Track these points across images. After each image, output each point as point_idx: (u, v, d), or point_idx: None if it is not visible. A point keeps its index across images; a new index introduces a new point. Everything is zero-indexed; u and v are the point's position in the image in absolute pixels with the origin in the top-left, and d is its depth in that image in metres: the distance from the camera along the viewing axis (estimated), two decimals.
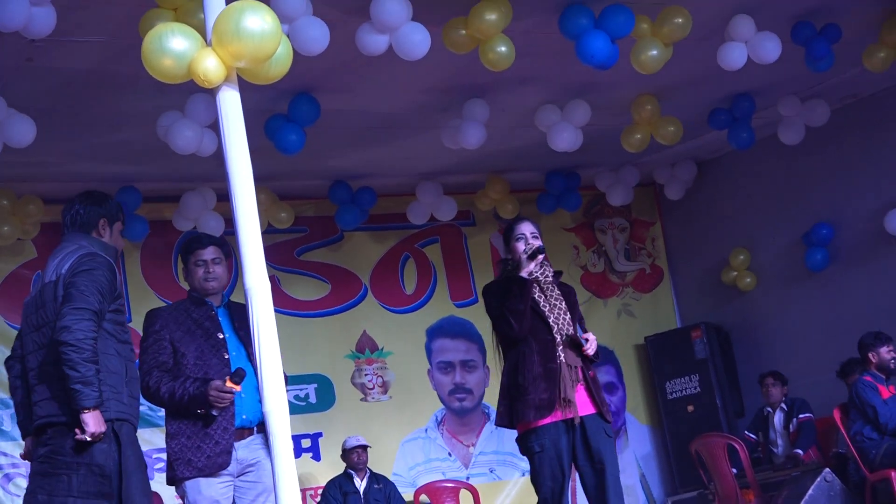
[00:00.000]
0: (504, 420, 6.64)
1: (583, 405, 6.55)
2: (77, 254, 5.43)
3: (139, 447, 5.62)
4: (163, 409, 6.43)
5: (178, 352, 6.25)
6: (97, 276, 5.35)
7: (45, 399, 5.37)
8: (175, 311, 6.43)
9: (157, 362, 6.24)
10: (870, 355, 9.62)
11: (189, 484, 6.16)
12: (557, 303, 6.71)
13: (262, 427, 6.25)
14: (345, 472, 10.18)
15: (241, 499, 6.23)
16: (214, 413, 6.07)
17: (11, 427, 9.58)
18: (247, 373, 6.01)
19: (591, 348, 6.59)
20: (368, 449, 10.25)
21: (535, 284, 6.72)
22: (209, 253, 6.43)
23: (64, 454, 5.25)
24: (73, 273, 5.32)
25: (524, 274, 6.67)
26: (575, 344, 6.59)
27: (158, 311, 6.58)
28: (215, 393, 6.02)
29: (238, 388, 6.03)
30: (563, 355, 6.56)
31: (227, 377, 6.03)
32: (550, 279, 6.77)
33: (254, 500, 6.22)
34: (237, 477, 6.22)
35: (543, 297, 6.70)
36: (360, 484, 10.11)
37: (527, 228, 6.79)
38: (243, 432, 6.21)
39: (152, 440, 10.19)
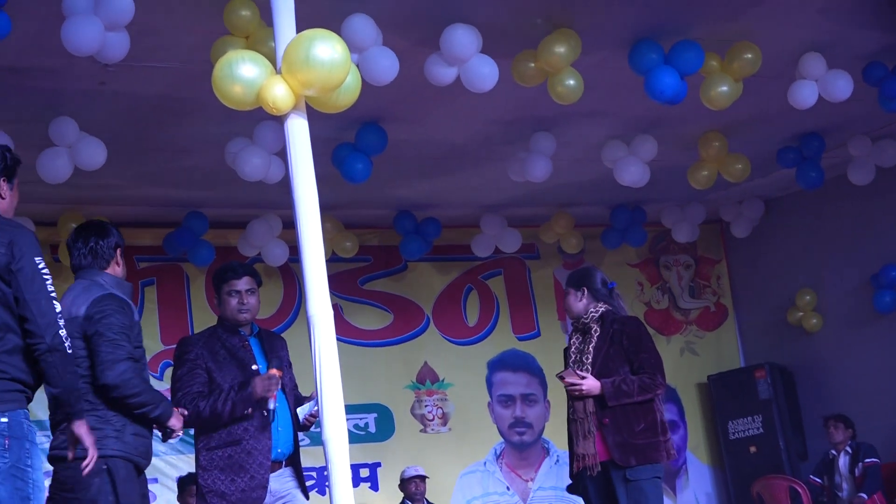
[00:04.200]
0: None
1: (599, 453, 6.64)
2: (93, 294, 5.33)
3: (142, 484, 5.52)
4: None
5: (214, 381, 6.22)
6: (118, 320, 5.29)
7: (56, 431, 5.32)
8: (209, 339, 6.38)
9: (192, 392, 6.20)
10: None
11: None
12: (582, 352, 6.75)
13: (291, 460, 6.31)
14: (402, 502, 10.15)
15: None
16: (271, 406, 6.07)
17: None
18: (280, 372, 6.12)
19: (573, 391, 6.65)
20: (427, 480, 10.22)
21: (576, 331, 6.92)
22: (244, 284, 6.39)
23: (65, 489, 5.21)
24: (92, 321, 5.25)
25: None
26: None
27: (191, 339, 6.58)
28: (265, 382, 6.05)
29: (279, 372, 6.08)
30: (573, 409, 6.71)
31: (267, 370, 6.15)
32: (591, 323, 6.81)
33: None
34: None
35: (579, 343, 6.78)
36: None
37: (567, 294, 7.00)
38: (274, 465, 6.22)
39: None
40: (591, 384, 6.62)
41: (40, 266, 4.62)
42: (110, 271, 5.54)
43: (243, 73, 4.96)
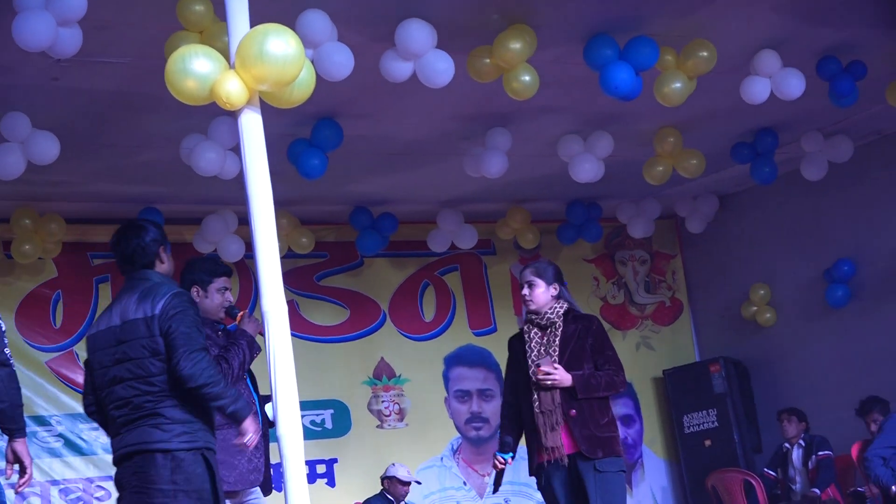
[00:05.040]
0: None
1: (566, 446, 6.64)
2: (166, 293, 5.35)
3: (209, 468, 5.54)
4: None
5: None
6: (192, 314, 5.37)
7: (132, 429, 5.39)
8: None
9: None
10: None
11: None
12: (547, 345, 6.75)
13: None
14: (383, 496, 10.05)
15: None
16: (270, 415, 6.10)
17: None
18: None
19: (546, 380, 6.63)
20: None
21: (532, 326, 6.85)
22: (229, 281, 6.61)
23: (160, 482, 5.25)
24: (168, 317, 5.28)
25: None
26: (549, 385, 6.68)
27: None
28: (254, 323, 6.36)
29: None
30: (537, 402, 6.66)
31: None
32: (555, 319, 6.79)
33: None
34: None
35: (539, 338, 6.76)
36: None
37: (524, 277, 6.93)
38: None
39: None
40: (563, 375, 6.61)
41: None
42: (158, 269, 5.59)
43: (196, 68, 4.95)
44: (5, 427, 5.12)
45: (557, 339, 6.75)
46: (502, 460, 6.81)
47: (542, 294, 6.82)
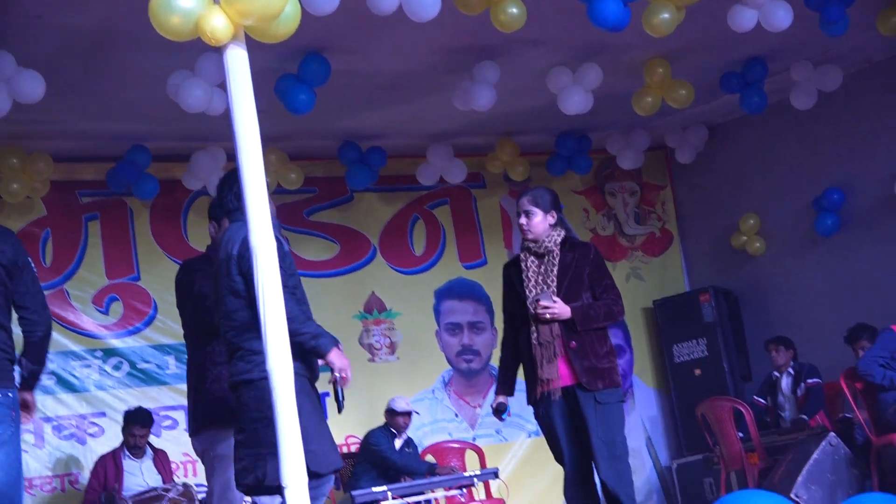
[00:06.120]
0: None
1: (563, 377, 6.63)
2: (244, 233, 5.36)
3: (315, 396, 5.88)
4: (170, 368, 6.53)
5: None
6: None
7: (230, 362, 5.73)
8: (205, 264, 6.50)
9: None
10: None
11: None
12: (545, 275, 6.72)
13: None
14: (387, 427, 10.15)
15: None
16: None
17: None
18: None
19: (546, 314, 6.61)
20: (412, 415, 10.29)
21: (528, 254, 6.79)
22: None
23: (249, 409, 5.51)
24: (245, 258, 5.40)
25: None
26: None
27: (192, 262, 6.89)
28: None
29: None
30: (535, 334, 6.64)
31: None
32: (552, 247, 6.75)
33: None
34: None
35: (536, 267, 6.73)
36: (398, 444, 10.14)
37: (521, 205, 6.84)
38: None
39: (159, 398, 10.26)
40: (562, 308, 6.59)
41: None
42: None
43: (181, 4, 4.92)
44: (29, 383, 5.48)
45: (555, 268, 6.70)
46: (501, 419, 6.93)
47: (539, 223, 6.76)
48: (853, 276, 11.14)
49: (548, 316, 6.60)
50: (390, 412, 10.17)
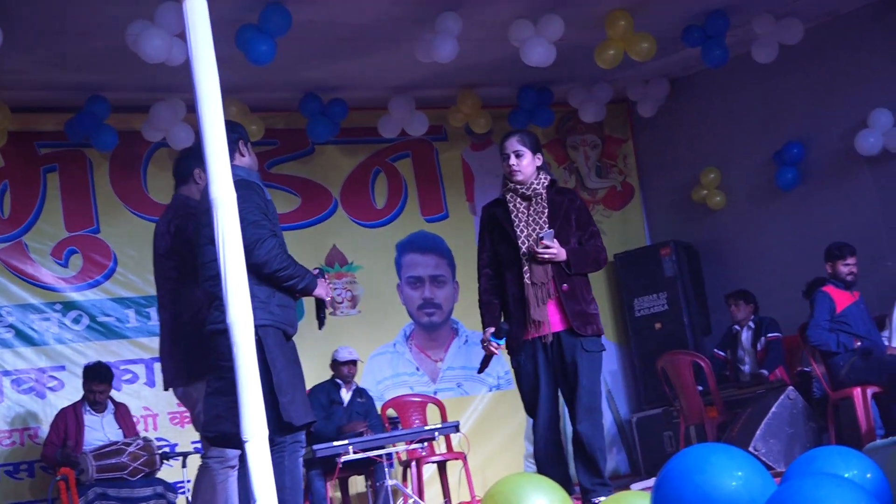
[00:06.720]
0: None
1: (554, 322, 6.58)
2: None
3: (290, 348, 6.07)
4: (130, 321, 6.44)
5: None
6: (256, 201, 5.84)
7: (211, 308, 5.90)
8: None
9: None
10: (827, 265, 9.64)
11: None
12: (536, 216, 6.64)
13: None
14: (332, 380, 10.14)
15: None
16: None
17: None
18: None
19: (546, 254, 6.52)
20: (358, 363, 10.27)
21: (515, 195, 6.70)
22: None
23: (226, 358, 5.40)
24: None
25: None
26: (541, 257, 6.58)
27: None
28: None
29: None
30: (528, 273, 6.56)
31: None
32: (541, 190, 6.70)
33: None
34: None
35: (525, 209, 6.65)
36: (346, 395, 10.13)
37: (510, 146, 6.72)
38: None
39: (120, 352, 10.21)
40: (559, 249, 6.54)
41: None
42: (237, 162, 5.99)
43: None
44: None
45: (546, 211, 6.65)
46: (496, 345, 6.65)
47: (528, 164, 6.70)
48: (813, 230, 11.18)
49: (546, 256, 6.53)
50: (334, 363, 10.16)
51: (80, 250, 10.36)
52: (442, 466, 10.29)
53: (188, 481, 8.69)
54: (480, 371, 6.91)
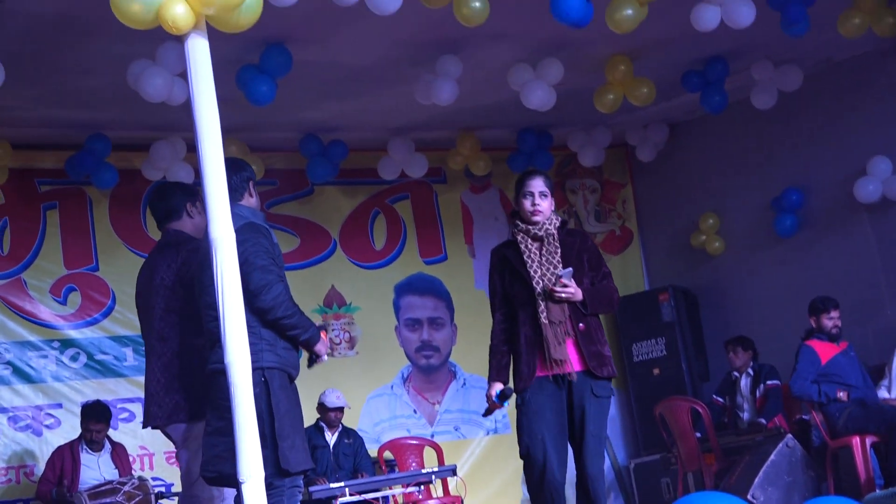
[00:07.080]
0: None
1: (573, 362, 6.46)
2: (236, 224, 5.32)
3: (293, 391, 5.99)
4: (128, 360, 6.39)
5: None
6: (264, 245, 5.82)
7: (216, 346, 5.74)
8: None
9: None
10: (811, 319, 9.68)
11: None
12: (549, 256, 6.58)
13: None
14: (316, 423, 10.10)
15: None
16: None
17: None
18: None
19: (563, 293, 6.41)
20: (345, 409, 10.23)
21: (526, 236, 6.67)
22: None
23: (227, 398, 5.28)
24: (238, 249, 5.26)
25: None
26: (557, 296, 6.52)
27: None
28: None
29: None
30: (545, 312, 6.50)
31: None
32: (553, 231, 6.66)
33: None
34: None
35: (537, 249, 6.60)
36: (331, 438, 10.09)
37: (536, 186, 6.61)
38: None
39: (117, 390, 10.19)
40: (576, 289, 6.46)
41: None
42: (244, 203, 6.01)
43: None
44: None
45: (558, 251, 6.56)
46: (499, 405, 6.58)
47: (549, 206, 6.62)
48: (812, 276, 11.16)
49: (563, 295, 6.44)
50: (321, 406, 10.12)
51: (79, 288, 10.35)
52: None
53: None
54: (486, 415, 6.90)
